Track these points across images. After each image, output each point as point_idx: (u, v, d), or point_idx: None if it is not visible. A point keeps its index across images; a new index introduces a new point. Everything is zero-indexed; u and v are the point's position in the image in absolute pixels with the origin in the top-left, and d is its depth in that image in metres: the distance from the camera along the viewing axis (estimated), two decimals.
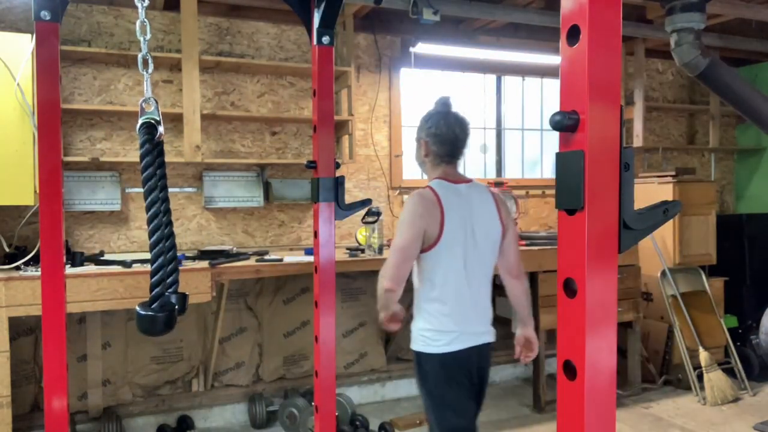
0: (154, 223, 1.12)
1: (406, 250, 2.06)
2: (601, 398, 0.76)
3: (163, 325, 1.09)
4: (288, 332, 4.00)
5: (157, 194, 1.14)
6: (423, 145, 2.22)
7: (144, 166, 1.14)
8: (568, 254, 0.77)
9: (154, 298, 1.09)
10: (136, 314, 1.09)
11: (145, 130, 1.20)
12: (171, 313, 1.10)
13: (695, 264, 4.49)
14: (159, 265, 1.10)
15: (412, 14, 3.37)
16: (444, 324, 2.16)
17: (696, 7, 2.92)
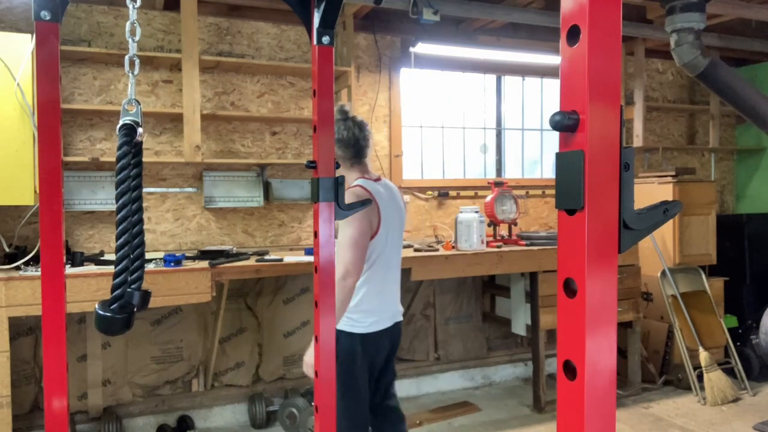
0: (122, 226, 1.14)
1: (360, 242, 2.25)
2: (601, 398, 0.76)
3: (121, 326, 1.12)
4: (288, 332, 4.00)
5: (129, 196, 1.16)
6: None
7: (120, 167, 1.15)
8: (568, 254, 0.77)
9: (115, 299, 1.11)
10: (95, 313, 1.12)
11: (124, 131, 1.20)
12: (129, 315, 1.13)
13: (695, 264, 4.50)
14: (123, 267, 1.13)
15: (412, 14, 3.37)
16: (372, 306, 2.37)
17: (696, 7, 2.93)
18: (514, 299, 4.23)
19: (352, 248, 2.23)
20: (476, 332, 4.58)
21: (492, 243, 3.90)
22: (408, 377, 4.25)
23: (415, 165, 4.55)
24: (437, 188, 4.49)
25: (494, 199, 4.01)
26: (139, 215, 1.19)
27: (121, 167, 1.16)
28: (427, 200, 4.45)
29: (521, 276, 4.08)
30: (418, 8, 3.34)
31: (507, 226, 4.10)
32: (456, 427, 3.74)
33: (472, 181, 4.65)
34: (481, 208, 3.86)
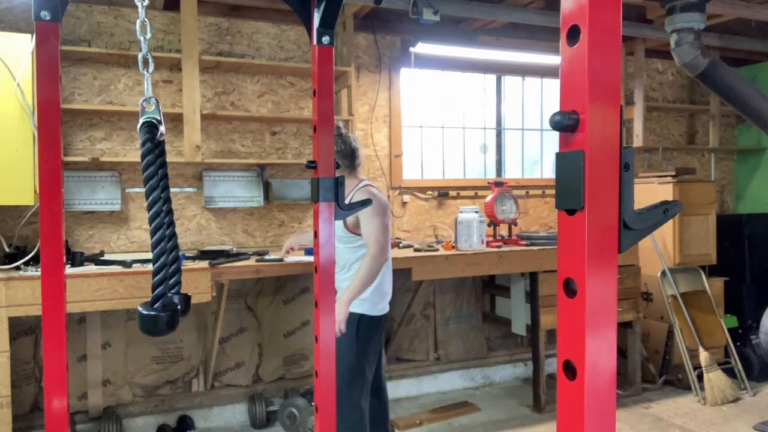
0: (155, 222, 1.11)
1: (389, 228, 2.73)
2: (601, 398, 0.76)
3: (165, 326, 1.08)
4: (288, 332, 4.00)
5: (159, 193, 1.14)
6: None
7: (145, 165, 1.14)
8: (568, 254, 0.77)
9: (157, 297, 1.08)
10: (138, 314, 1.08)
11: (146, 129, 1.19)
12: (174, 313, 1.09)
13: (695, 264, 4.50)
14: (161, 264, 1.10)
15: (412, 14, 3.37)
16: (384, 293, 2.77)
17: (696, 7, 2.93)
18: (514, 299, 4.23)
19: (384, 231, 2.65)
20: (476, 332, 4.58)
21: (492, 243, 3.90)
22: (408, 377, 4.25)
23: (415, 165, 4.55)
24: (437, 188, 4.49)
25: (494, 199, 4.01)
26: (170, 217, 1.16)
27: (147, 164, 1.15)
28: (427, 200, 4.45)
29: (521, 276, 4.08)
30: (418, 8, 3.34)
31: (507, 226, 4.10)
32: (456, 427, 3.74)
33: (472, 181, 4.65)
34: (481, 208, 3.86)
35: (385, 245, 2.65)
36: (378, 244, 2.62)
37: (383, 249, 2.63)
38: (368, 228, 2.64)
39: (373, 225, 2.64)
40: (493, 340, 4.67)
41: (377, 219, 2.64)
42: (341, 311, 2.58)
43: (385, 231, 2.66)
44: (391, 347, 4.29)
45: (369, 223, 2.64)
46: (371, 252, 2.62)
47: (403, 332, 4.30)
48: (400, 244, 3.99)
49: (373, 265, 2.61)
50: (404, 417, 3.84)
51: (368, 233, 2.65)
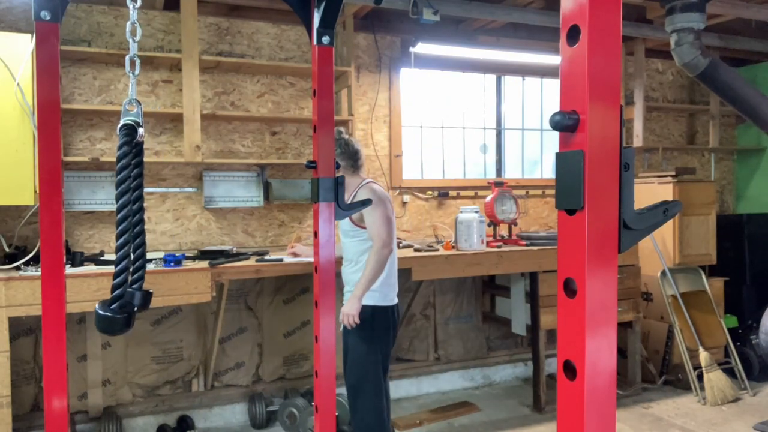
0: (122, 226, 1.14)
1: (391, 220, 2.79)
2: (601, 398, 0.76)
3: (121, 326, 1.12)
4: (288, 332, 4.00)
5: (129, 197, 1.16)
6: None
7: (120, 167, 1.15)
8: (568, 254, 0.77)
9: (115, 298, 1.11)
10: (95, 313, 1.11)
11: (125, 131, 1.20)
12: (129, 315, 1.13)
13: (695, 264, 4.50)
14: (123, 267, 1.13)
15: (412, 14, 3.37)
16: (392, 285, 2.86)
17: (696, 7, 2.93)
18: (514, 299, 4.23)
19: (386, 224, 2.74)
20: (476, 332, 4.58)
21: (492, 243, 3.90)
22: (408, 377, 4.25)
23: (415, 165, 4.55)
24: (437, 188, 4.49)
25: (494, 199, 4.01)
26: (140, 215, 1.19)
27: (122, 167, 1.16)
28: (427, 200, 4.45)
29: (521, 276, 4.08)
30: (418, 8, 3.34)
31: (507, 226, 4.10)
32: (456, 427, 3.74)
33: (472, 181, 4.65)
34: (481, 208, 3.86)
35: (388, 238, 2.74)
36: (380, 239, 2.72)
37: (386, 243, 2.73)
38: (371, 223, 2.75)
39: (376, 219, 2.74)
40: (493, 340, 4.67)
41: (379, 212, 2.74)
42: (354, 306, 2.70)
43: (388, 223, 2.75)
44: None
45: (371, 218, 2.75)
46: (375, 247, 2.73)
47: (403, 332, 4.30)
48: (401, 244, 3.98)
49: (377, 259, 2.71)
50: (404, 417, 3.84)
51: (371, 228, 2.75)
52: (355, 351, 2.81)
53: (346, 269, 2.93)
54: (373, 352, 2.79)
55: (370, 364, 2.78)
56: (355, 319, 2.70)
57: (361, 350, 2.79)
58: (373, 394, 2.79)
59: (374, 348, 2.79)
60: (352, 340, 2.82)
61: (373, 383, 2.79)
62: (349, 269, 2.91)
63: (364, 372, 2.78)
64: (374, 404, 2.79)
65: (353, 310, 2.70)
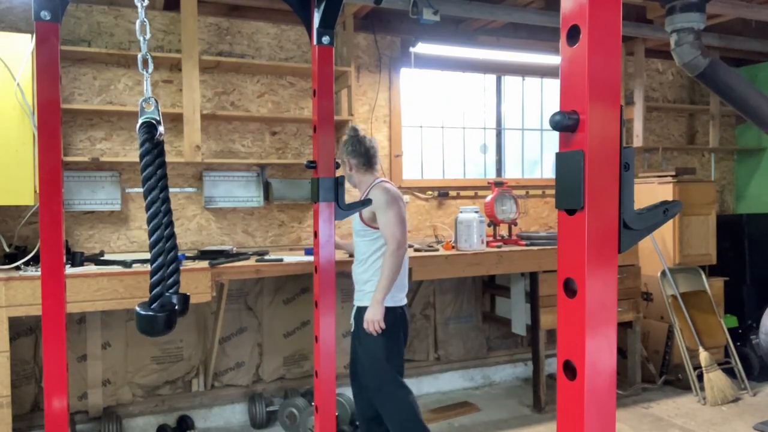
0: (153, 222, 1.11)
1: (405, 221, 2.80)
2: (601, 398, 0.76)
3: (163, 326, 1.08)
4: (288, 332, 4.00)
5: (157, 194, 1.14)
6: (346, 162, 2.95)
7: (144, 165, 1.14)
8: (568, 254, 0.77)
9: (154, 297, 1.08)
10: (136, 314, 1.08)
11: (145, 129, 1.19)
12: (171, 314, 1.09)
13: (695, 264, 4.50)
14: (159, 265, 1.10)
15: (412, 14, 3.37)
16: (404, 281, 2.87)
17: (696, 7, 2.93)
18: (514, 299, 4.23)
19: (400, 225, 2.75)
20: (476, 332, 4.58)
21: (492, 243, 3.90)
22: (408, 377, 4.21)
23: (415, 165, 4.55)
24: (437, 188, 4.49)
25: (494, 199, 4.01)
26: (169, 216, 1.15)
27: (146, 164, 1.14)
28: (427, 200, 4.45)
29: (521, 276, 4.08)
30: (418, 8, 3.34)
31: (507, 226, 4.10)
32: (456, 427, 3.74)
33: (472, 181, 4.65)
34: (481, 208, 3.86)
35: (403, 239, 2.75)
36: (395, 240, 2.73)
37: (401, 243, 2.74)
38: (384, 224, 2.75)
39: (389, 220, 2.74)
40: (493, 340, 4.67)
41: (392, 212, 2.75)
42: (377, 311, 2.71)
43: (401, 223, 2.76)
44: None
45: (384, 219, 2.75)
46: (390, 248, 2.73)
47: None
48: None
49: (394, 261, 2.73)
50: None
51: (385, 229, 2.75)
52: (369, 355, 2.81)
53: (356, 268, 2.94)
54: (386, 353, 2.79)
55: (385, 364, 2.78)
56: (381, 325, 2.71)
57: (374, 355, 2.79)
58: (395, 390, 2.79)
59: (387, 348, 2.79)
60: (363, 344, 2.82)
61: (392, 381, 2.79)
62: (358, 269, 2.91)
63: (382, 373, 2.79)
64: (401, 399, 2.78)
65: (377, 316, 2.70)
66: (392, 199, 2.77)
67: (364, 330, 2.79)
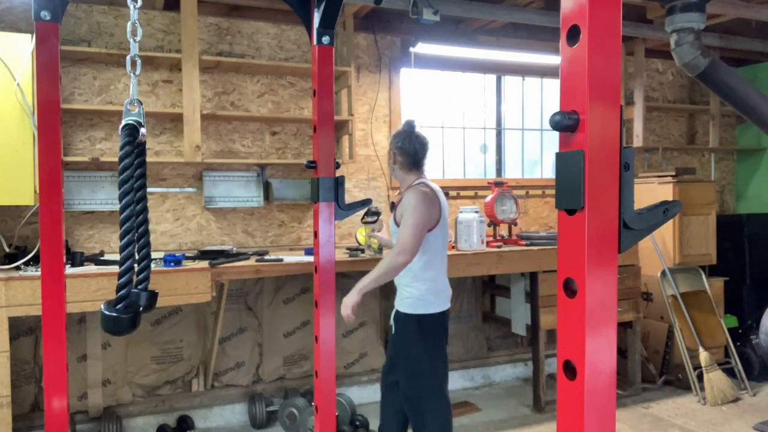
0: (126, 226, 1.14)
1: (421, 230, 2.62)
2: (601, 398, 0.76)
3: (127, 326, 1.12)
4: (288, 332, 4.00)
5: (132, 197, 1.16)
6: (392, 155, 2.88)
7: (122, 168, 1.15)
8: (568, 254, 0.77)
9: (120, 299, 1.11)
10: (101, 314, 1.11)
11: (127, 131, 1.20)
12: (135, 315, 1.13)
13: (695, 264, 4.50)
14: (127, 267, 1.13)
15: (412, 14, 3.37)
16: (440, 290, 2.76)
17: (696, 7, 2.93)
18: (514, 299, 4.23)
19: (413, 232, 2.59)
20: (476, 332, 4.58)
21: (492, 243, 3.90)
22: None
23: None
24: None
25: (494, 199, 4.01)
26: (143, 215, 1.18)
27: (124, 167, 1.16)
28: None
29: (521, 276, 4.08)
30: (418, 8, 3.34)
31: (507, 226, 4.10)
32: (456, 427, 3.73)
33: (472, 181, 4.65)
34: (481, 208, 3.86)
35: (409, 247, 2.57)
36: (401, 244, 2.58)
37: (405, 251, 2.56)
38: (402, 226, 2.64)
39: (406, 223, 2.61)
40: (493, 340, 4.67)
41: (412, 218, 2.61)
42: (353, 298, 2.58)
43: (417, 233, 2.59)
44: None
45: (404, 222, 2.63)
46: (393, 250, 2.60)
47: None
48: None
49: (388, 264, 2.57)
50: None
51: (401, 230, 2.64)
52: (410, 361, 2.70)
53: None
54: (427, 360, 2.68)
55: (427, 373, 2.67)
56: (348, 311, 2.58)
57: (416, 360, 2.68)
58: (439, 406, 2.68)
59: (427, 353, 2.68)
60: (404, 347, 2.73)
61: (437, 394, 2.68)
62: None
63: (422, 383, 2.67)
64: (442, 418, 2.68)
65: (350, 302, 2.57)
66: (420, 204, 2.62)
67: (406, 333, 2.70)
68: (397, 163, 2.84)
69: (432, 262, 2.71)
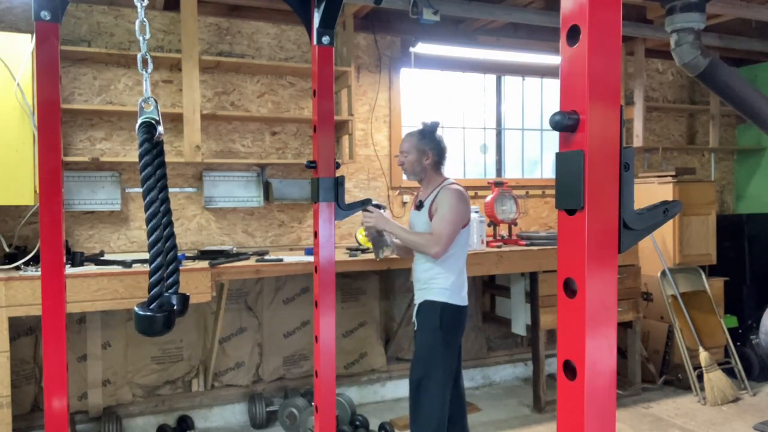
0: (152, 223, 1.11)
1: (458, 226, 2.72)
2: (601, 398, 0.76)
3: (161, 326, 1.08)
4: (288, 332, 4.00)
5: (156, 194, 1.14)
6: (425, 153, 2.83)
7: (143, 165, 1.14)
8: (568, 254, 0.77)
9: (153, 298, 1.08)
10: (135, 314, 1.08)
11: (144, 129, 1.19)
12: (170, 314, 1.09)
13: (695, 264, 4.50)
14: (158, 265, 1.10)
15: (412, 14, 3.37)
16: (463, 284, 2.80)
17: (696, 7, 2.93)
18: (514, 299, 4.23)
19: (452, 228, 2.68)
20: (476, 332, 4.58)
21: (492, 243, 3.90)
22: (407, 377, 4.24)
23: None
24: None
25: (494, 199, 4.01)
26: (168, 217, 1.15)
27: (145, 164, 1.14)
28: None
29: (521, 276, 4.08)
30: (418, 8, 3.34)
31: (507, 226, 4.10)
32: None
33: (472, 181, 4.65)
34: (481, 208, 3.86)
35: (448, 238, 2.67)
36: (437, 237, 2.66)
37: (439, 243, 2.65)
38: (437, 222, 2.70)
39: (443, 218, 2.69)
40: (493, 340, 4.67)
41: (452, 214, 2.70)
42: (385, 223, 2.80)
43: (452, 227, 2.68)
44: (391, 347, 4.28)
45: (440, 218, 2.70)
46: (431, 238, 2.67)
47: (403, 332, 4.30)
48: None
49: (422, 242, 2.70)
50: (404, 417, 3.83)
51: (437, 221, 2.70)
52: (422, 347, 2.73)
53: (417, 266, 2.83)
54: (439, 349, 2.69)
55: (435, 360, 2.68)
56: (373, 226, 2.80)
57: (428, 346, 2.70)
58: (438, 391, 2.68)
59: (441, 342, 2.69)
60: (420, 336, 2.75)
61: (438, 380, 2.68)
62: (423, 266, 2.79)
63: (429, 368, 2.68)
64: (438, 404, 2.67)
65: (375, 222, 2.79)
66: (460, 203, 2.71)
67: (424, 323, 2.73)
68: (430, 161, 2.84)
69: (459, 256, 2.79)
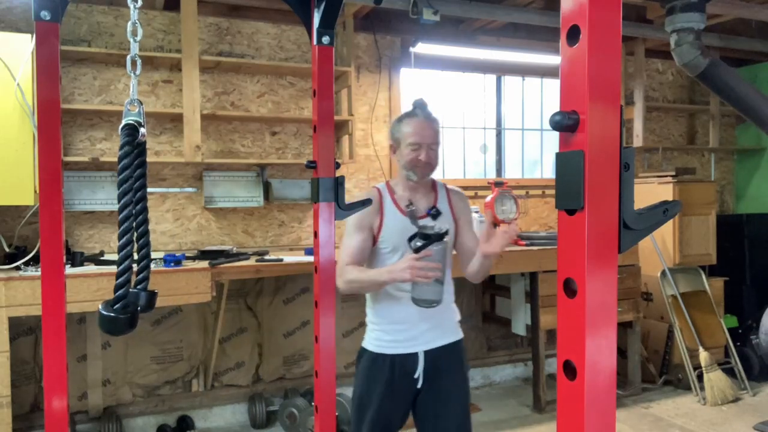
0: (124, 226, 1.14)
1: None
2: (601, 398, 0.76)
3: (123, 326, 1.12)
4: (288, 332, 4.00)
5: (131, 197, 1.16)
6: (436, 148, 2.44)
7: (121, 167, 1.15)
8: (568, 254, 0.77)
9: (117, 299, 1.11)
10: (98, 314, 1.11)
11: (126, 131, 1.20)
12: (133, 315, 1.13)
13: (695, 264, 4.50)
14: (125, 267, 1.13)
15: (412, 14, 3.37)
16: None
17: (696, 7, 2.92)
18: (514, 299, 4.23)
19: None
20: (476, 332, 4.58)
21: None
22: None
23: None
24: None
25: (494, 199, 4.01)
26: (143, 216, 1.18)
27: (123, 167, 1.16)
28: None
29: (521, 276, 4.08)
30: (418, 8, 3.34)
31: (507, 226, 4.09)
32: None
33: (472, 181, 4.65)
34: (481, 208, 3.85)
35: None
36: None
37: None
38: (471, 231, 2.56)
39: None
40: (493, 340, 4.67)
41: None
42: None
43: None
44: None
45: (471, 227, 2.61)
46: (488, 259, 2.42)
47: None
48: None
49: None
50: None
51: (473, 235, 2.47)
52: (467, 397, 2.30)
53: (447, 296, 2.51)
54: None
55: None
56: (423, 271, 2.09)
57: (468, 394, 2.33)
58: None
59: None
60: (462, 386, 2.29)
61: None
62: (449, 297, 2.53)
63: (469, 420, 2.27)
64: None
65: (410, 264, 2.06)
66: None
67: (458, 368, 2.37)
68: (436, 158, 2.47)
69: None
